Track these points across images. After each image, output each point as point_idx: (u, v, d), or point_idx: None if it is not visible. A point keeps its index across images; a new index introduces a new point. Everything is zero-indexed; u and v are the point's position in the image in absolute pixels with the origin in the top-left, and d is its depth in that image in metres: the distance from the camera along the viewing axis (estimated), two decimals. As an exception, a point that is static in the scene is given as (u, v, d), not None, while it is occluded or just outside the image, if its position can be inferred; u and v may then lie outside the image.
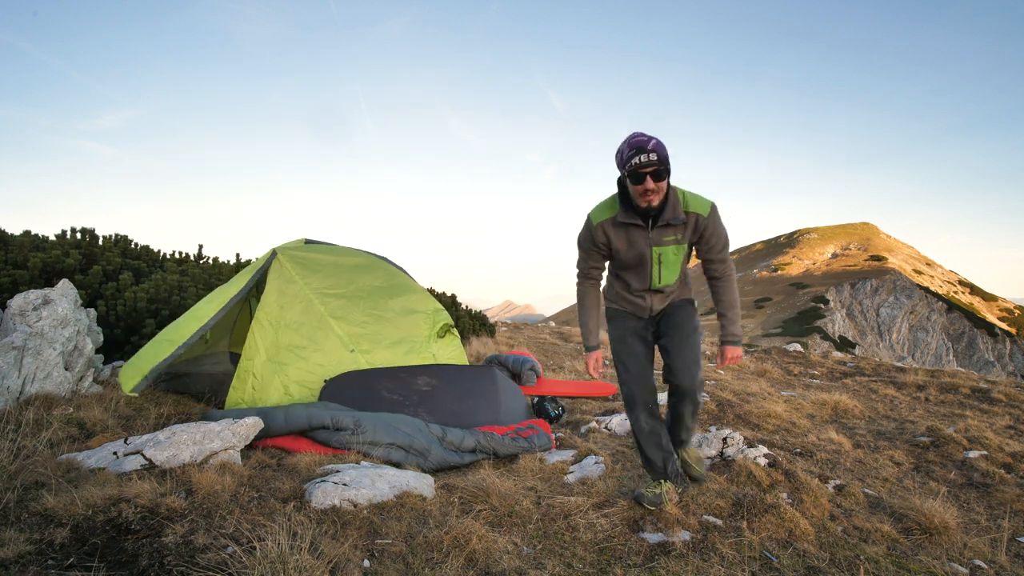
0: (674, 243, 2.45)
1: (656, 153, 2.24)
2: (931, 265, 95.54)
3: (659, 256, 2.47)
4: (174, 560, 1.75)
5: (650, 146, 2.25)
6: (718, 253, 2.51)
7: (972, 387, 6.56)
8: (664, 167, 2.27)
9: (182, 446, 2.58)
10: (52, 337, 3.46)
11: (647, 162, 2.24)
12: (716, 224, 2.46)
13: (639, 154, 2.24)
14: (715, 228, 2.46)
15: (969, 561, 2.41)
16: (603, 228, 2.49)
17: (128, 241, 7.09)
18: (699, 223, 2.43)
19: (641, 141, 2.27)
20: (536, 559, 2.13)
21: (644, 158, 2.24)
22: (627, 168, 2.28)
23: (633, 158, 2.26)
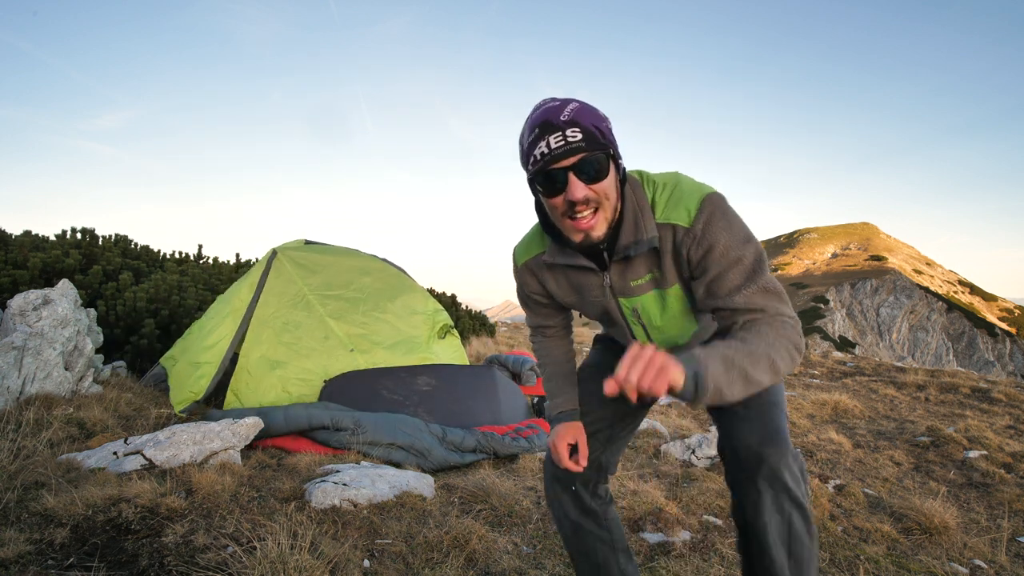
0: (653, 287, 1.35)
1: (578, 126, 1.16)
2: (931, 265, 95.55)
3: (634, 312, 1.42)
4: (174, 560, 1.75)
5: (564, 115, 1.17)
6: (735, 293, 1.23)
7: (972, 387, 6.56)
8: (597, 149, 1.18)
9: (182, 446, 2.58)
10: (52, 337, 3.46)
11: (562, 147, 1.16)
12: (718, 235, 1.23)
13: (545, 134, 1.17)
14: (716, 244, 1.23)
15: (969, 561, 2.41)
16: (531, 271, 1.51)
17: (128, 241, 7.09)
18: (682, 241, 1.26)
19: (549, 109, 1.19)
20: (536, 559, 2.13)
21: (556, 140, 1.16)
22: (531, 166, 1.22)
23: (537, 145, 1.19)
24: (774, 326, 1.19)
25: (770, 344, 1.16)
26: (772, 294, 1.23)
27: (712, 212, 1.24)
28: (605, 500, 1.58)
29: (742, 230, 1.25)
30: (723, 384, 1.08)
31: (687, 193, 1.28)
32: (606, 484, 1.60)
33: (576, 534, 1.56)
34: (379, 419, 3.29)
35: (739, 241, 1.23)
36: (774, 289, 1.24)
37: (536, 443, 3.49)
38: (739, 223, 1.25)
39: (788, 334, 1.19)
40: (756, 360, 1.12)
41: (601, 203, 1.23)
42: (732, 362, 1.10)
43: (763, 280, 1.23)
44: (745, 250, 1.23)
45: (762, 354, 1.14)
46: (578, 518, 1.54)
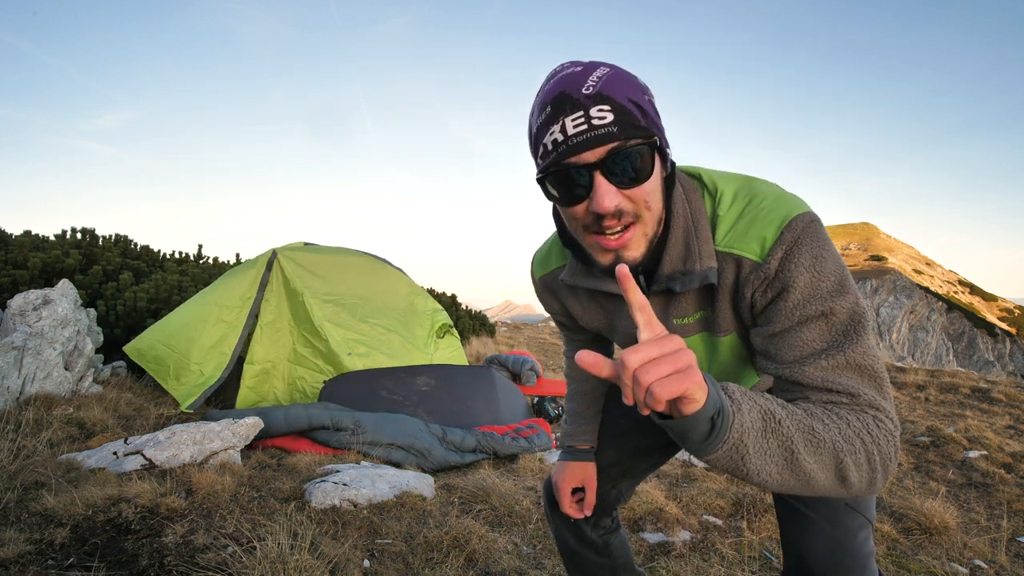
0: (701, 329, 1.02)
1: (609, 103, 0.81)
2: (931, 265, 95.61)
3: None
4: (174, 560, 1.75)
5: (589, 85, 0.82)
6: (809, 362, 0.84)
7: (972, 387, 6.56)
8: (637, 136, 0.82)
9: (182, 446, 2.58)
10: (52, 337, 3.46)
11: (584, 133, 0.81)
12: (799, 274, 0.85)
13: (561, 115, 0.82)
14: (794, 285, 0.86)
15: (969, 561, 2.41)
16: (549, 289, 1.22)
17: (128, 241, 7.09)
18: (747, 279, 0.91)
19: (568, 77, 0.84)
20: (536, 559, 2.13)
21: (576, 123, 0.81)
22: (540, 159, 0.88)
23: (548, 130, 0.84)
24: (864, 420, 0.78)
25: (847, 438, 0.76)
26: (868, 376, 0.81)
27: (797, 242, 0.85)
28: (610, 528, 1.39)
29: (836, 272, 0.84)
30: (750, 444, 0.71)
31: (765, 212, 0.88)
32: (613, 514, 1.40)
33: (573, 559, 1.42)
34: (379, 419, 3.29)
35: (830, 287, 0.83)
36: (872, 369, 0.82)
37: (536, 443, 3.49)
38: (834, 261, 0.85)
39: (879, 439, 0.77)
40: (817, 445, 0.74)
41: (640, 214, 0.85)
42: (779, 425, 0.73)
43: (857, 350, 0.81)
44: (837, 302, 0.83)
45: (828, 443, 0.75)
46: (576, 547, 1.39)
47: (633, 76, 0.86)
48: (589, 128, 0.80)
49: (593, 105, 0.80)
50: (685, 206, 0.94)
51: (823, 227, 0.89)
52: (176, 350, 4.02)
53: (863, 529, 0.98)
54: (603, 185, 0.82)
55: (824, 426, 0.76)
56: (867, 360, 0.82)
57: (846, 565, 0.95)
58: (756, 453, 0.72)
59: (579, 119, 0.80)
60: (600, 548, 1.39)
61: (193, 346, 3.99)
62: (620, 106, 0.81)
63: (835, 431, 0.76)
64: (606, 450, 1.36)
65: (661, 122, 0.87)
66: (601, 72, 0.83)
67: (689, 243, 0.93)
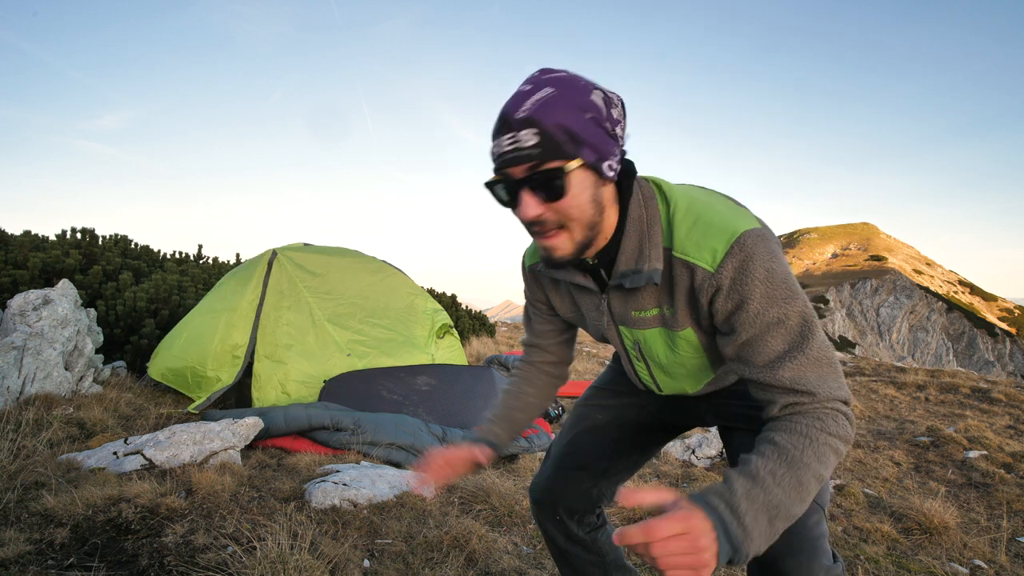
0: (659, 324, 1.11)
1: (537, 126, 0.90)
2: (931, 265, 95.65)
3: (636, 346, 1.19)
4: (174, 560, 1.75)
5: (525, 107, 0.91)
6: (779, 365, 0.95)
7: (972, 387, 6.56)
8: (558, 158, 0.92)
9: (182, 446, 2.58)
10: (52, 337, 3.46)
11: (511, 152, 0.93)
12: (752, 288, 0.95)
13: (500, 132, 0.95)
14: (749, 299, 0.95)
15: (969, 561, 2.41)
16: (535, 277, 1.31)
17: (128, 241, 7.09)
18: (701, 286, 0.99)
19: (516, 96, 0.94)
20: (536, 559, 2.13)
21: (507, 142, 0.93)
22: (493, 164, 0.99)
23: (494, 142, 0.97)
24: (825, 422, 0.92)
25: (821, 456, 0.90)
26: (826, 366, 0.94)
27: (746, 259, 0.94)
28: (595, 525, 1.45)
29: (784, 281, 0.95)
30: (764, 541, 0.85)
31: (715, 227, 0.98)
32: (598, 511, 1.46)
33: (564, 558, 1.47)
34: (379, 419, 3.29)
35: (781, 297, 0.94)
36: (828, 359, 0.95)
37: (536, 443, 3.50)
38: (782, 272, 0.96)
39: (839, 432, 0.92)
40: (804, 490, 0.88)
41: (564, 223, 0.97)
42: (778, 510, 0.85)
43: (814, 347, 0.94)
44: (788, 307, 0.94)
45: (811, 476, 0.88)
46: (565, 545, 1.44)
47: (580, 95, 0.94)
48: (515, 148, 0.93)
49: (521, 128, 0.92)
50: (641, 211, 1.04)
51: (771, 239, 0.99)
52: (191, 362, 4.05)
53: (815, 513, 1.05)
54: (524, 198, 0.96)
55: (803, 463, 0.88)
56: (822, 353, 0.95)
57: (800, 546, 1.02)
58: (767, 540, 0.85)
59: (509, 139, 0.93)
60: (588, 545, 1.44)
61: (207, 356, 4.00)
62: (546, 131, 0.91)
63: (811, 458, 0.89)
64: (584, 448, 1.42)
65: (604, 139, 0.95)
66: (541, 95, 0.92)
67: (642, 245, 1.04)
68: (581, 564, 1.45)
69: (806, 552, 1.02)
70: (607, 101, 0.96)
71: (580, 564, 1.46)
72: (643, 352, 1.19)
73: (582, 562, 1.45)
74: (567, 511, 1.42)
